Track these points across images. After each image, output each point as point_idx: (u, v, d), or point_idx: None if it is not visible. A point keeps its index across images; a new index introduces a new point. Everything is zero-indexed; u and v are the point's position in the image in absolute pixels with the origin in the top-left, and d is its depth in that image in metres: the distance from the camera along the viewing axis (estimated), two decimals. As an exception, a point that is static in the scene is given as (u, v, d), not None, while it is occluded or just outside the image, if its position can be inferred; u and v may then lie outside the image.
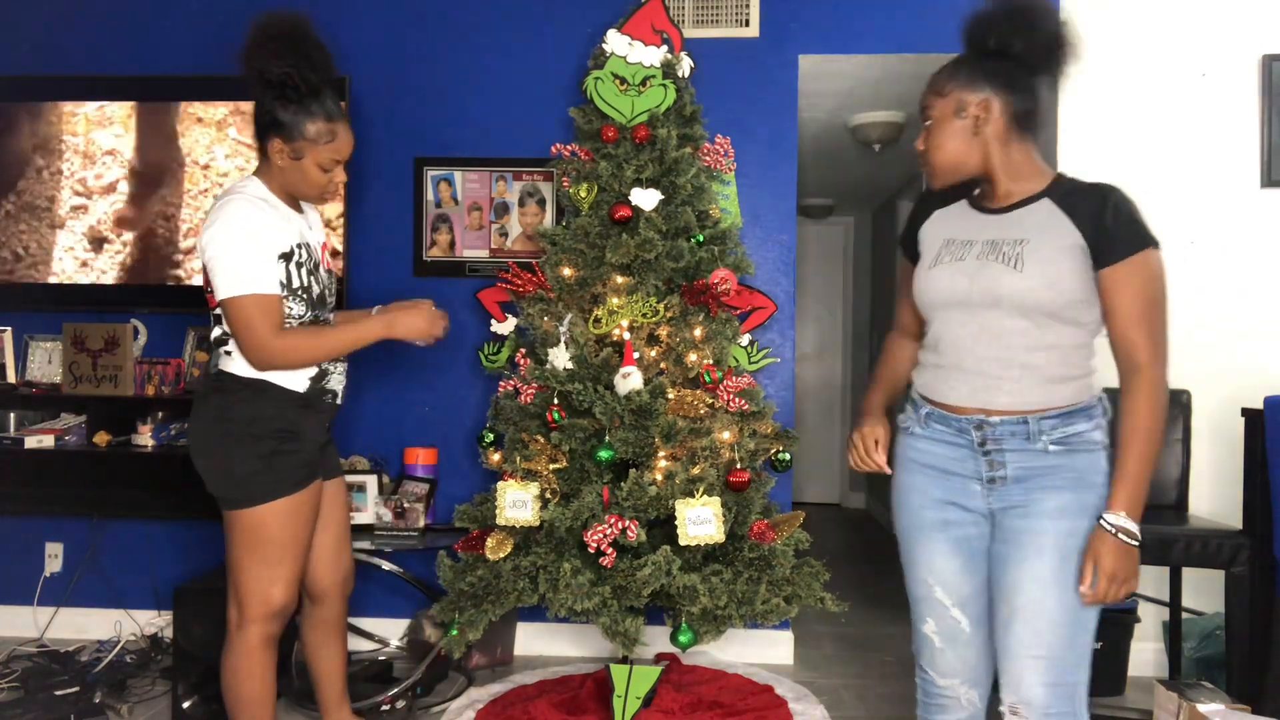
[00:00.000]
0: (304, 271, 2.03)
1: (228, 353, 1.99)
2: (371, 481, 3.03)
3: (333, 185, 2.07)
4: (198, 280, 3.29)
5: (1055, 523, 1.52)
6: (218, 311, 1.97)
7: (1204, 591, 3.09)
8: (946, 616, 1.67)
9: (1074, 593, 1.50)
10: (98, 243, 3.33)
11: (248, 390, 1.96)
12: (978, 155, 1.60)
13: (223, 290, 1.90)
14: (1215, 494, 3.13)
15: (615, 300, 2.79)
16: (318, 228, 2.21)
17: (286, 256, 1.98)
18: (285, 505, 1.98)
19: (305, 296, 2.03)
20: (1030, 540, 1.53)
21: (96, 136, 3.34)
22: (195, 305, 3.34)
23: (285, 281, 1.97)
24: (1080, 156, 3.25)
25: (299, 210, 2.11)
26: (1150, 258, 1.47)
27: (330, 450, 2.22)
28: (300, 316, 2.02)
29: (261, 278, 1.91)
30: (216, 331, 2.01)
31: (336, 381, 2.13)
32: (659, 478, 2.64)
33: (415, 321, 2.10)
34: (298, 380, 2.01)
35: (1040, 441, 1.54)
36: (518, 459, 2.70)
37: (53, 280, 3.33)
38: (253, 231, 1.91)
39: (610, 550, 2.53)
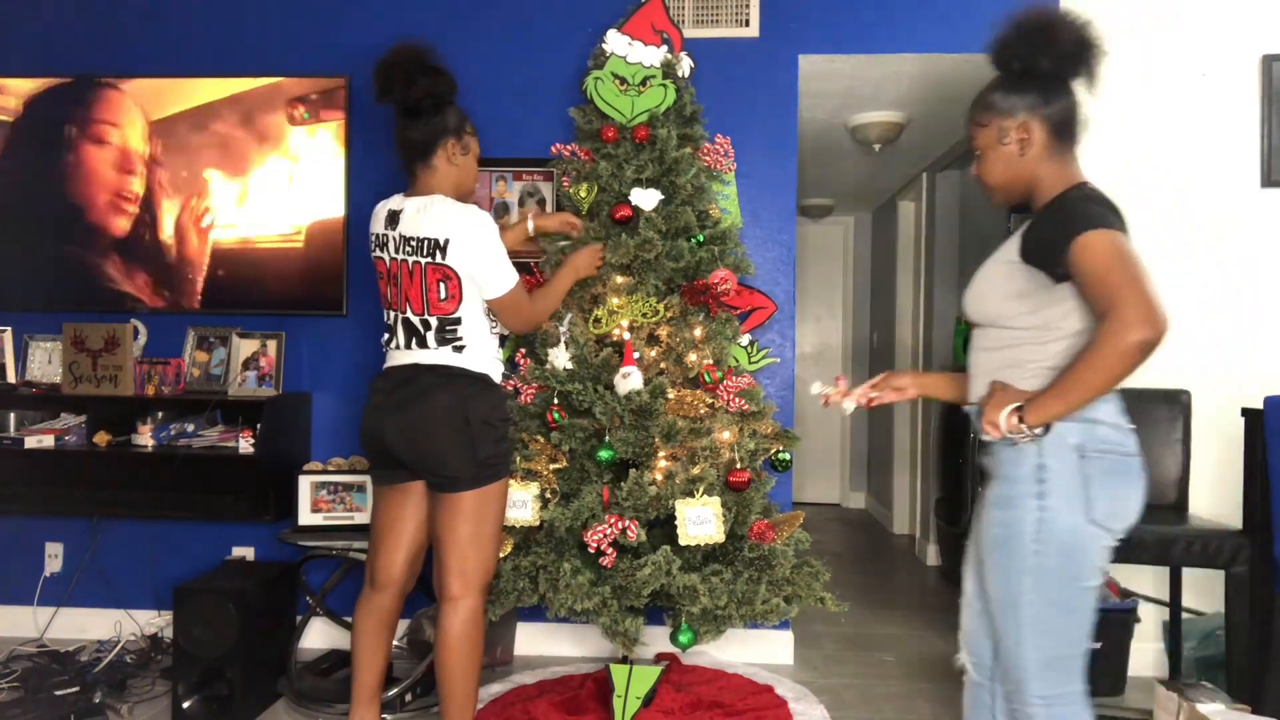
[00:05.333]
0: None
1: (458, 349, 2.22)
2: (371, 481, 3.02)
3: None
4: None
5: (988, 513, 1.67)
6: (453, 317, 2.21)
7: (1204, 591, 3.09)
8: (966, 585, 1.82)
9: (1007, 577, 1.61)
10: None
11: (479, 384, 2.23)
12: (1026, 175, 1.68)
13: (504, 286, 2.24)
14: (1215, 494, 3.13)
15: (615, 300, 2.79)
16: None
17: None
18: (505, 485, 2.28)
19: None
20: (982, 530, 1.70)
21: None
22: (195, 305, 3.35)
23: None
24: (1080, 156, 3.25)
25: None
26: (1079, 245, 1.51)
27: None
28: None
29: (514, 270, 2.28)
30: (437, 330, 2.22)
31: None
32: (659, 478, 2.64)
33: (591, 259, 2.67)
34: (499, 374, 2.31)
35: None
36: (518, 459, 2.70)
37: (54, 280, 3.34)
38: (499, 235, 2.24)
39: (610, 550, 2.53)
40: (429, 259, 2.18)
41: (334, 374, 3.38)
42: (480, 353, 2.25)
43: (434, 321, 2.21)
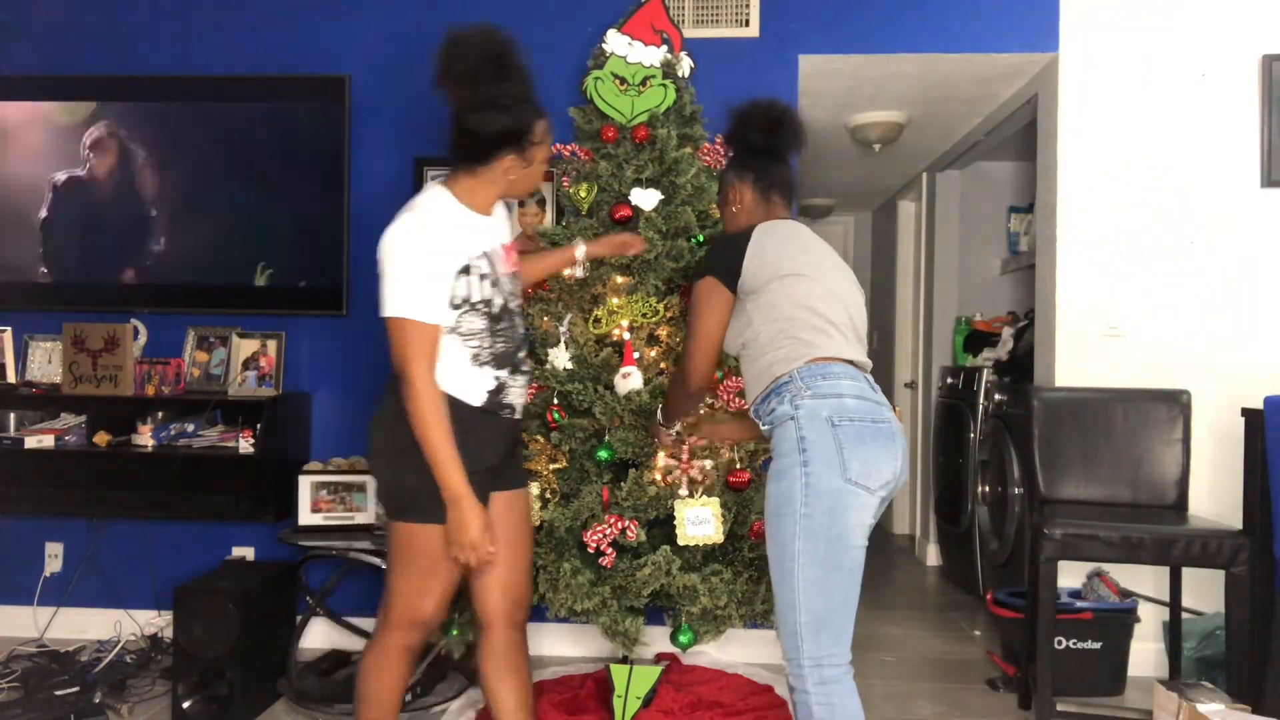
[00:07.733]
0: (486, 283, 1.93)
1: None
2: (372, 481, 3.03)
3: None
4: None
5: (766, 489, 1.86)
6: None
7: (1204, 591, 3.09)
8: None
9: (781, 543, 1.78)
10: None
11: None
12: (744, 222, 2.10)
13: (386, 307, 1.83)
14: (1215, 494, 3.13)
15: (615, 300, 2.79)
16: (505, 224, 2.08)
17: (466, 270, 1.89)
18: (439, 534, 1.89)
19: (485, 310, 1.92)
20: None
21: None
22: (195, 305, 3.35)
23: (466, 296, 1.88)
24: (1081, 156, 3.26)
25: (488, 212, 2.00)
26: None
27: (513, 461, 2.10)
28: (478, 331, 1.91)
29: (423, 304, 1.83)
30: None
31: (516, 395, 2.01)
32: (659, 478, 2.64)
33: (465, 535, 1.87)
34: (475, 393, 1.91)
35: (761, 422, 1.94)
36: (518, 459, 2.70)
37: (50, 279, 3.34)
38: (428, 250, 1.84)
39: (610, 550, 2.53)
40: None
41: (334, 374, 3.38)
42: (442, 370, 1.88)
43: None
